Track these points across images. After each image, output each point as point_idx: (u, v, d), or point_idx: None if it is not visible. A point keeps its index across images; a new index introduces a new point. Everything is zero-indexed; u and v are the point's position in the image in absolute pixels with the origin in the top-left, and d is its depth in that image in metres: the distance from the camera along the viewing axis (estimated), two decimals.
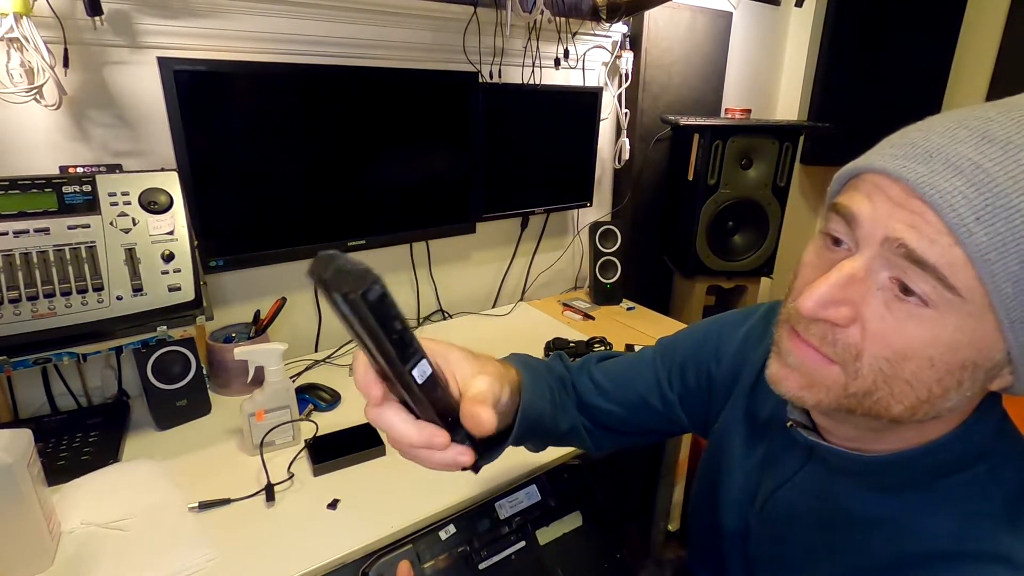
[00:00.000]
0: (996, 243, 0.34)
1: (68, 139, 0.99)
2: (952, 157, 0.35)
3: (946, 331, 0.36)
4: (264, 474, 0.87)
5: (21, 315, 0.81)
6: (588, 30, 1.51)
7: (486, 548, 0.68)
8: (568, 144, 1.56)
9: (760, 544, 0.56)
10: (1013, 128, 0.34)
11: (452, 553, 0.67)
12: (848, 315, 0.39)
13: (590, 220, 1.70)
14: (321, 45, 1.17)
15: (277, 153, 1.12)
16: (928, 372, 0.37)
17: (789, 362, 0.43)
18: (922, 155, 0.36)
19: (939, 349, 0.37)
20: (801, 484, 0.52)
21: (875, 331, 0.38)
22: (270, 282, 1.26)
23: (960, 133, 0.36)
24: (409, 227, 1.35)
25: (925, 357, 0.37)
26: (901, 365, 0.38)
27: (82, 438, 0.94)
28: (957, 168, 0.35)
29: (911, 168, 0.36)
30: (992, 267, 0.34)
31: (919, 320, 0.36)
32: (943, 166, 0.35)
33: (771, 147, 1.63)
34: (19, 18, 0.82)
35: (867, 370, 0.39)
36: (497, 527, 0.70)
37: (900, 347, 0.37)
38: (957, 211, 0.34)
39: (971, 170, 0.34)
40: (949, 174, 0.35)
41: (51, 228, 0.83)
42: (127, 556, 0.72)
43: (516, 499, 0.73)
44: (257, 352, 0.92)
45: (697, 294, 1.79)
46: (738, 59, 1.89)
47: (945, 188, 0.34)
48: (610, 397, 0.68)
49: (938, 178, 0.35)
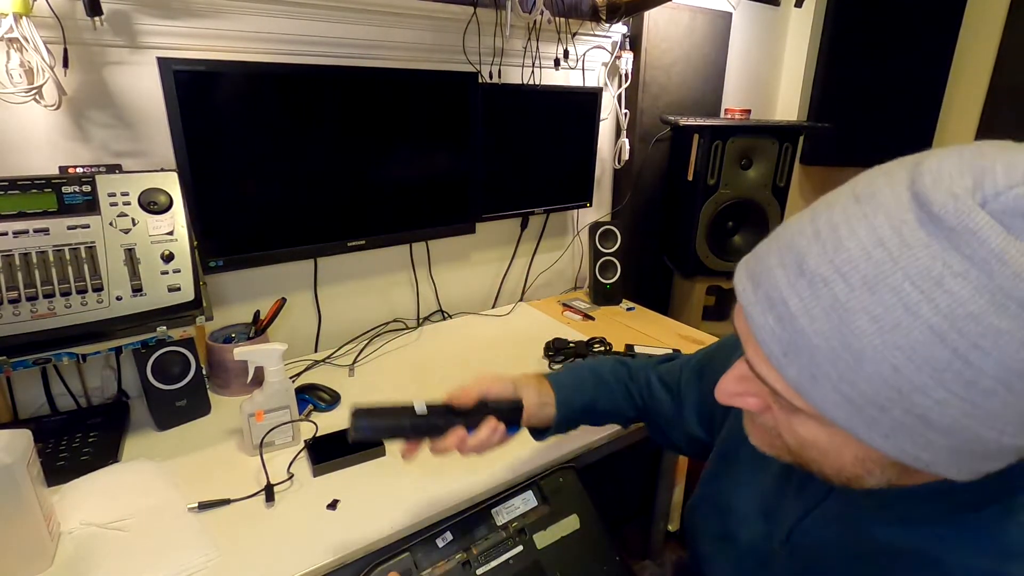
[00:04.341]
0: (805, 376, 0.35)
1: (68, 139, 0.99)
2: (770, 289, 0.36)
3: (822, 434, 0.38)
4: (264, 474, 0.87)
5: (21, 315, 0.81)
6: (588, 30, 1.51)
7: (484, 554, 0.68)
8: (568, 144, 1.56)
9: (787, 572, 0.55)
10: (829, 253, 0.34)
11: (450, 560, 0.67)
12: (755, 404, 0.43)
13: (590, 220, 1.70)
14: (321, 45, 1.17)
15: (277, 153, 1.12)
16: (827, 460, 0.40)
17: (747, 422, 0.48)
18: (756, 277, 0.38)
19: (822, 447, 0.39)
20: (827, 513, 0.51)
21: (778, 420, 0.42)
22: (270, 282, 1.26)
23: (787, 257, 0.36)
24: (409, 227, 1.35)
25: (817, 449, 0.40)
26: (804, 451, 0.41)
27: (82, 438, 0.94)
28: (771, 302, 0.36)
29: (747, 293, 0.38)
30: (811, 397, 0.36)
31: (801, 422, 0.39)
32: (763, 298, 0.37)
33: (771, 147, 1.63)
34: (19, 18, 0.82)
35: (792, 447, 0.42)
36: (494, 533, 0.70)
37: (795, 438, 0.41)
38: (769, 347, 0.36)
39: (779, 306, 0.36)
40: (765, 307, 0.36)
41: (51, 228, 0.83)
42: (127, 556, 0.72)
43: (512, 505, 0.73)
44: (257, 352, 0.92)
45: (697, 294, 1.79)
46: (738, 59, 1.89)
47: (760, 323, 0.37)
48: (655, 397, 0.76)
49: (757, 311, 0.37)
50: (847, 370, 0.33)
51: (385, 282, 1.45)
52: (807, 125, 1.74)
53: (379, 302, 1.45)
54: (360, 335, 1.38)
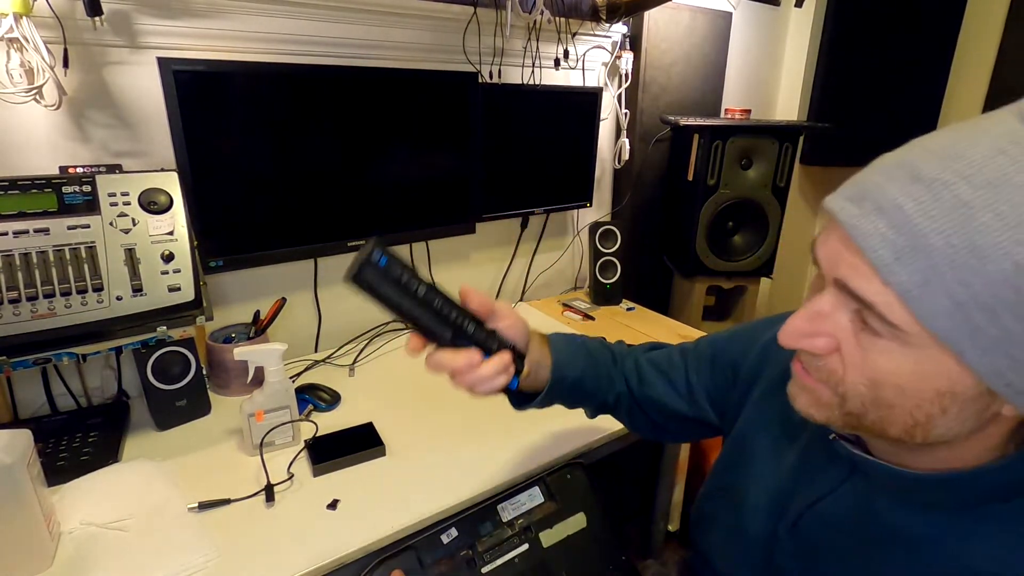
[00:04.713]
0: (917, 281, 0.35)
1: (68, 139, 0.99)
2: (879, 199, 0.37)
3: (907, 362, 0.37)
4: (264, 474, 0.87)
5: (21, 315, 0.81)
6: (588, 30, 1.51)
7: (489, 551, 0.67)
8: (568, 144, 1.56)
9: (790, 557, 0.55)
10: (947, 162, 0.35)
11: (455, 557, 0.66)
12: (824, 345, 0.41)
13: (590, 220, 1.70)
14: (321, 45, 1.17)
15: (277, 153, 1.12)
16: (903, 399, 0.39)
17: (796, 382, 0.47)
18: (859, 196, 0.38)
19: (905, 378, 0.38)
20: (842, 499, 0.51)
21: (850, 359, 0.40)
22: (270, 282, 1.26)
23: (895, 172, 0.37)
24: (409, 227, 1.35)
25: (894, 385, 0.39)
26: (877, 392, 0.40)
27: (82, 438, 0.94)
28: (882, 209, 0.36)
29: (847, 209, 0.38)
30: (919, 304, 0.35)
31: (883, 351, 0.38)
32: (871, 207, 0.37)
33: (771, 147, 1.63)
34: (19, 18, 0.82)
35: (851, 394, 0.41)
36: (500, 529, 0.69)
37: (871, 375, 0.39)
38: (877, 252, 0.36)
39: (893, 211, 0.36)
40: (875, 216, 0.37)
41: (51, 228, 0.83)
42: (127, 556, 0.72)
43: (518, 501, 0.72)
44: (257, 352, 0.92)
45: (697, 294, 1.79)
46: (738, 59, 1.89)
47: (868, 230, 0.37)
48: (645, 381, 0.73)
49: (864, 221, 0.37)
50: (965, 269, 0.33)
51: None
52: (807, 125, 1.74)
53: None
54: (360, 335, 1.38)
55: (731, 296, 1.89)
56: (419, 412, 1.07)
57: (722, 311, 1.95)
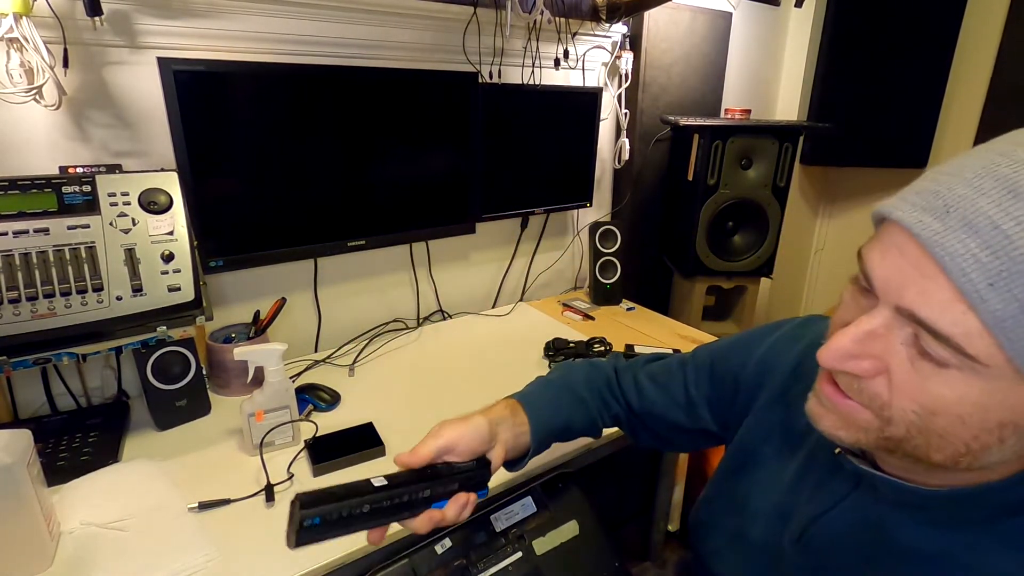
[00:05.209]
0: (1013, 311, 0.31)
1: (68, 139, 0.99)
2: (970, 214, 0.33)
3: (972, 392, 0.34)
4: (264, 474, 0.87)
5: (21, 315, 0.81)
6: (588, 30, 1.51)
7: (483, 560, 0.68)
8: (568, 144, 1.56)
9: (798, 570, 0.54)
10: None
11: (449, 566, 0.66)
12: (870, 368, 0.38)
13: (590, 220, 1.70)
14: (321, 45, 1.17)
15: (277, 153, 1.12)
16: (960, 429, 0.36)
17: (824, 403, 0.43)
18: (941, 208, 0.34)
19: (967, 409, 0.35)
20: (847, 513, 0.50)
21: (900, 384, 0.37)
22: (270, 282, 1.26)
23: (985, 184, 0.33)
24: (409, 227, 1.35)
25: (954, 415, 0.35)
26: (931, 420, 0.36)
27: (82, 438, 0.94)
28: (973, 227, 0.33)
29: (927, 223, 0.34)
30: (1009, 335, 0.32)
31: (944, 379, 0.35)
32: (959, 223, 0.33)
33: (771, 147, 1.63)
34: (19, 18, 0.82)
35: (898, 418, 0.38)
36: (493, 539, 0.69)
37: (926, 403, 0.36)
38: (969, 276, 0.32)
39: (988, 230, 0.32)
40: (963, 234, 0.33)
41: (51, 228, 0.83)
42: (127, 556, 0.72)
43: (512, 511, 0.72)
44: (257, 352, 0.92)
45: (697, 294, 1.79)
46: (738, 59, 1.89)
47: (957, 251, 0.33)
48: (644, 396, 0.74)
49: (951, 238, 0.33)
50: None
51: (385, 282, 1.45)
52: (807, 125, 1.74)
53: (379, 302, 1.45)
54: (360, 335, 1.38)
55: (731, 296, 1.90)
56: (419, 412, 1.07)
57: (722, 311, 1.95)
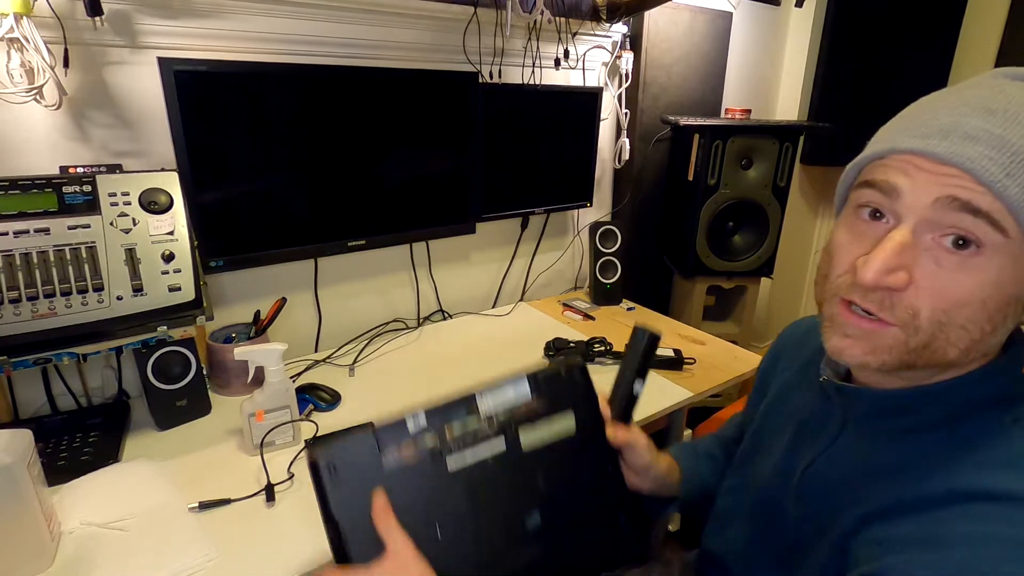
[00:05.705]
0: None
1: (68, 139, 0.99)
2: (967, 130, 0.41)
3: (991, 272, 0.41)
4: (264, 474, 0.87)
5: (21, 315, 0.81)
6: (588, 30, 1.51)
7: (460, 445, 0.56)
8: (568, 144, 1.56)
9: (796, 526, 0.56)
10: (1000, 100, 0.41)
11: (419, 446, 0.54)
12: (905, 279, 0.43)
13: (590, 220, 1.70)
14: (321, 45, 1.17)
15: (277, 153, 1.12)
16: (981, 313, 0.42)
17: (849, 332, 0.46)
18: (939, 133, 0.42)
19: (988, 291, 0.41)
20: (836, 452, 0.53)
21: (929, 287, 0.42)
22: (270, 282, 1.26)
23: (962, 109, 0.42)
24: (409, 227, 1.35)
25: (978, 300, 0.41)
26: (958, 312, 0.42)
27: (82, 438, 0.94)
28: (975, 138, 0.40)
29: (934, 144, 0.41)
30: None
31: (969, 268, 0.41)
32: (962, 138, 0.41)
33: (771, 147, 1.63)
34: (19, 18, 0.82)
35: (926, 324, 0.43)
36: (476, 423, 0.57)
37: (955, 296, 0.42)
38: (989, 171, 0.39)
39: (988, 137, 0.40)
40: (969, 143, 0.40)
41: (51, 228, 0.83)
42: (127, 556, 0.72)
43: (503, 393, 0.59)
44: (257, 352, 0.92)
45: (697, 294, 1.79)
46: (738, 59, 1.89)
47: (973, 155, 0.40)
48: None
49: (962, 147, 0.40)
50: None
51: (385, 282, 1.45)
52: (807, 125, 1.74)
53: (379, 302, 1.45)
54: (360, 335, 1.38)
55: (731, 296, 1.90)
56: None
57: (722, 311, 1.95)
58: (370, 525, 0.51)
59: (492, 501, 0.56)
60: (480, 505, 0.56)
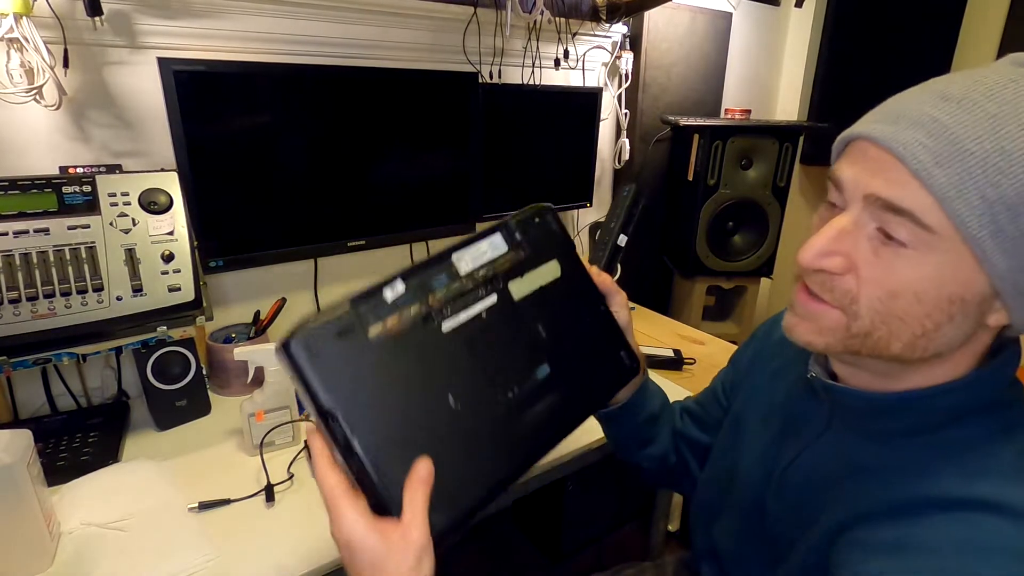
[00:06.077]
0: (954, 182, 0.38)
1: (68, 139, 0.99)
2: (915, 115, 0.41)
3: (927, 268, 0.41)
4: (264, 474, 0.87)
5: (21, 315, 0.81)
6: (588, 30, 1.51)
7: (447, 305, 0.51)
8: (568, 144, 1.56)
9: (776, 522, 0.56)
10: (969, 87, 0.40)
11: (403, 314, 0.49)
12: (841, 264, 0.44)
13: (590, 220, 1.70)
14: (321, 45, 1.17)
15: (277, 153, 1.12)
16: (916, 307, 0.42)
17: (798, 312, 0.49)
18: (892, 118, 0.42)
19: (923, 285, 0.41)
20: (817, 450, 0.54)
21: (867, 275, 0.43)
22: (270, 282, 1.26)
23: (923, 96, 0.42)
24: (409, 227, 1.35)
25: (911, 293, 0.42)
26: (892, 303, 0.42)
27: (82, 438, 0.94)
28: (918, 123, 0.40)
29: (881, 129, 0.42)
30: (954, 204, 0.38)
31: (904, 260, 0.41)
32: (907, 124, 0.41)
33: (771, 147, 1.63)
34: (19, 18, 0.82)
35: (864, 311, 0.44)
36: (457, 282, 0.53)
37: (890, 286, 0.42)
38: (918, 158, 0.39)
39: (929, 123, 0.40)
40: (912, 129, 0.40)
41: (51, 228, 0.83)
42: (127, 556, 0.72)
43: (479, 249, 0.56)
44: (257, 352, 0.92)
45: (697, 294, 1.79)
46: (738, 59, 1.89)
47: (907, 140, 0.40)
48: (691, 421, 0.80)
49: (903, 134, 0.40)
50: (995, 171, 0.38)
51: None
52: (807, 125, 1.74)
53: None
54: None
55: (731, 296, 1.90)
56: None
57: (722, 311, 1.95)
58: (370, 411, 0.45)
59: (497, 357, 0.53)
60: (486, 362, 0.52)
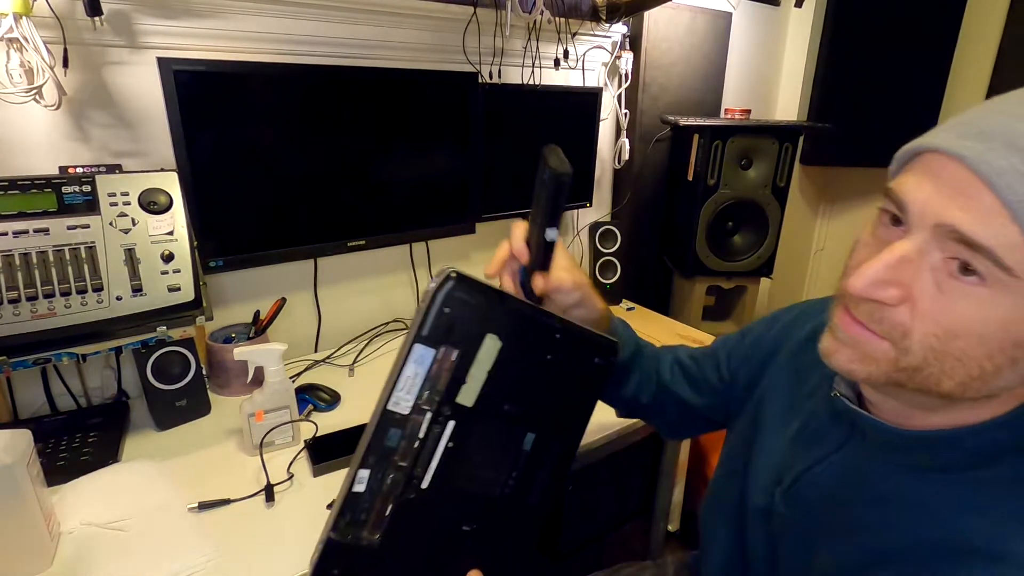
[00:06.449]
0: None
1: (68, 139, 0.99)
2: (1010, 135, 0.36)
3: (998, 310, 0.36)
4: (264, 474, 0.87)
5: (21, 315, 0.81)
6: (588, 30, 1.51)
7: (415, 462, 0.48)
8: (568, 144, 1.52)
9: (783, 529, 0.55)
10: None
11: (382, 490, 0.48)
12: (897, 295, 0.39)
13: (590, 220, 1.70)
14: (321, 45, 1.17)
15: (277, 153, 1.12)
16: (977, 349, 0.38)
17: (839, 337, 0.44)
18: (979, 134, 0.37)
19: (990, 327, 0.37)
20: (837, 463, 0.51)
21: (925, 310, 0.39)
22: (270, 282, 1.26)
23: (1018, 111, 0.37)
24: (409, 227, 1.35)
25: (975, 335, 0.37)
26: (951, 343, 0.38)
27: (82, 438, 0.94)
28: (1014, 146, 0.35)
29: (968, 146, 0.37)
30: None
31: (972, 299, 0.37)
32: (1001, 145, 0.36)
33: (771, 147, 1.63)
34: (19, 18, 0.82)
35: (917, 347, 0.39)
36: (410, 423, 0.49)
37: (949, 325, 0.38)
38: (1013, 188, 0.34)
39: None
40: (1006, 152, 0.35)
41: (51, 228, 0.83)
42: (126, 556, 0.72)
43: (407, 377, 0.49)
44: (257, 352, 0.92)
45: (697, 294, 1.79)
46: (738, 59, 1.89)
47: (1001, 166, 0.35)
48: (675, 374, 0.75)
49: (994, 155, 0.36)
50: None
51: (385, 282, 1.45)
52: (807, 125, 1.74)
53: (379, 302, 1.45)
54: (360, 335, 1.38)
55: (731, 296, 1.89)
56: None
57: (722, 311, 1.95)
58: None
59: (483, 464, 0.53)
60: (476, 478, 0.52)
